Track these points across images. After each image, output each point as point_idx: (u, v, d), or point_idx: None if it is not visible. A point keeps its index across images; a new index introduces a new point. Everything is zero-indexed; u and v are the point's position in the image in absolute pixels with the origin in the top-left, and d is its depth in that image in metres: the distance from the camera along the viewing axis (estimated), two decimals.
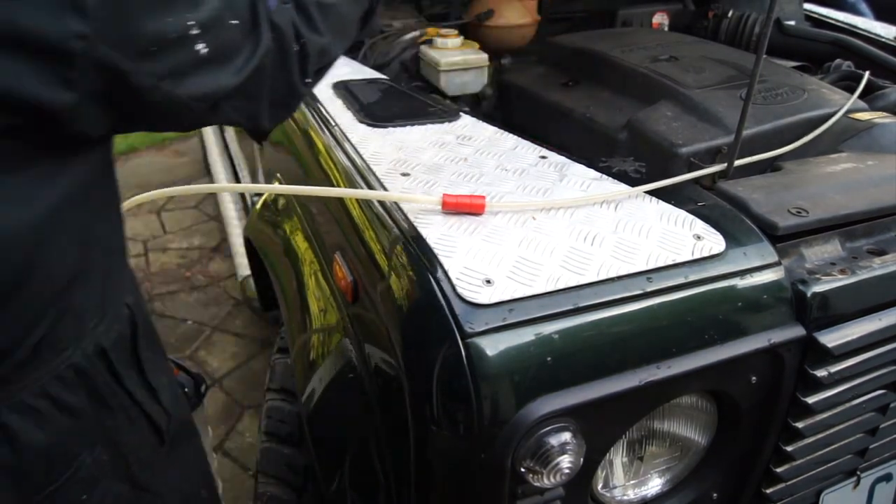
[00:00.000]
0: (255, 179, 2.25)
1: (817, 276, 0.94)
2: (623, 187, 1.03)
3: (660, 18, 2.09)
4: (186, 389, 1.27)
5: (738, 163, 1.06)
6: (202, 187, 0.96)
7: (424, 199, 0.95)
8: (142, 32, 0.61)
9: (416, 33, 1.78)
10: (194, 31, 0.65)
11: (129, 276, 0.90)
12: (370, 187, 1.04)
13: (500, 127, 1.27)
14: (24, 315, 0.68)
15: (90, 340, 0.77)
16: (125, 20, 0.60)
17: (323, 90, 1.41)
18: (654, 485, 1.02)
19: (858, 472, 1.15)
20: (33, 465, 0.74)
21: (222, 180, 2.84)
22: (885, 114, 1.33)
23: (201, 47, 0.66)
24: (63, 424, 0.75)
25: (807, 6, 2.16)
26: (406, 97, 1.42)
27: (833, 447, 1.06)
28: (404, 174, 1.06)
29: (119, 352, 0.82)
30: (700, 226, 0.94)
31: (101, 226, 0.78)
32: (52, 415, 0.74)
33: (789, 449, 1.00)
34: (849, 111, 1.32)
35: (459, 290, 0.79)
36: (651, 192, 1.02)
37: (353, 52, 1.80)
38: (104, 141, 0.73)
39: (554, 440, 0.80)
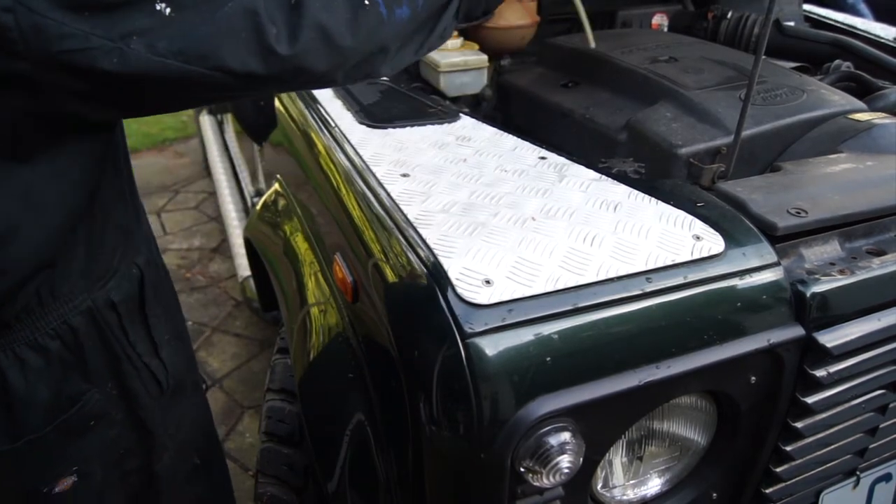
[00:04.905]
0: (255, 180, 2.25)
1: (816, 276, 0.94)
2: (623, 187, 1.03)
3: (659, 19, 2.09)
4: None
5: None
6: None
7: None
8: None
9: None
10: None
11: (143, 239, 1.01)
12: (370, 188, 1.04)
13: (499, 128, 1.27)
14: (10, 273, 0.77)
15: (101, 294, 0.90)
16: None
17: (322, 90, 1.41)
18: (654, 485, 1.02)
19: (858, 472, 1.15)
20: (33, 400, 0.85)
21: (222, 181, 2.85)
22: (884, 114, 1.33)
23: (162, 7, 0.65)
24: (71, 363, 0.88)
25: (806, 7, 2.16)
26: (406, 98, 1.42)
27: (832, 447, 1.06)
28: (404, 175, 1.06)
29: (127, 306, 0.94)
30: (699, 226, 0.94)
31: (98, 198, 0.86)
32: (61, 356, 0.87)
33: (789, 449, 1.00)
34: (848, 112, 1.32)
35: (459, 290, 0.80)
36: (651, 193, 1.03)
37: None
38: (109, 128, 0.81)
39: (553, 440, 0.80)
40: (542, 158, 1.14)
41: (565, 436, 0.80)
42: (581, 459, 0.83)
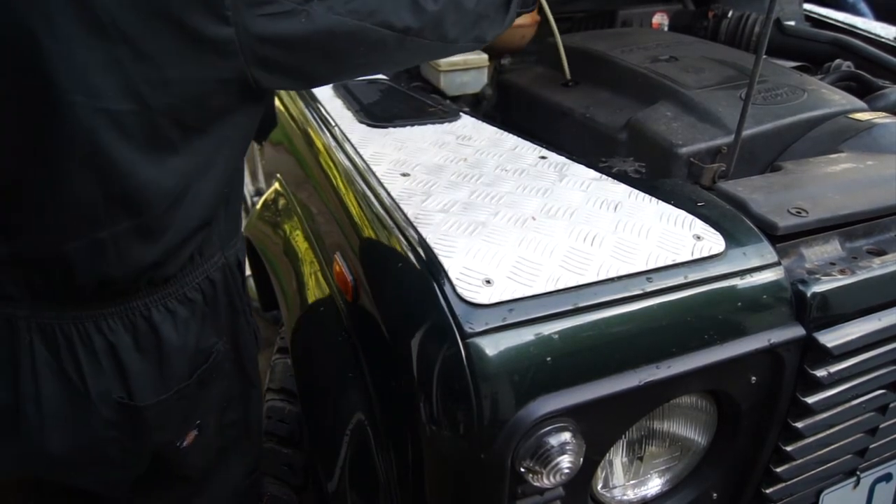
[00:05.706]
0: (255, 179, 2.25)
1: (817, 276, 0.94)
2: (623, 187, 1.03)
3: (660, 18, 2.09)
4: None
5: None
6: None
7: None
8: None
9: None
10: None
11: None
12: (370, 187, 1.04)
13: (499, 127, 1.27)
14: (180, 233, 0.86)
15: (231, 253, 0.99)
16: None
17: (323, 90, 1.41)
18: (654, 485, 1.02)
19: (858, 472, 1.15)
20: (183, 351, 0.92)
21: None
22: (885, 114, 1.33)
23: None
24: (207, 316, 0.95)
25: (807, 6, 2.16)
26: (406, 97, 1.42)
27: (833, 447, 1.06)
28: (404, 174, 1.06)
29: (244, 266, 1.05)
30: (700, 226, 0.94)
31: (239, 165, 0.97)
32: (201, 309, 0.94)
33: (789, 449, 1.00)
34: (849, 111, 1.32)
35: (459, 290, 0.80)
36: (651, 193, 1.02)
37: None
38: (265, 96, 0.90)
39: (554, 440, 0.80)
40: (543, 158, 1.14)
41: (566, 436, 0.80)
42: (581, 460, 0.83)
